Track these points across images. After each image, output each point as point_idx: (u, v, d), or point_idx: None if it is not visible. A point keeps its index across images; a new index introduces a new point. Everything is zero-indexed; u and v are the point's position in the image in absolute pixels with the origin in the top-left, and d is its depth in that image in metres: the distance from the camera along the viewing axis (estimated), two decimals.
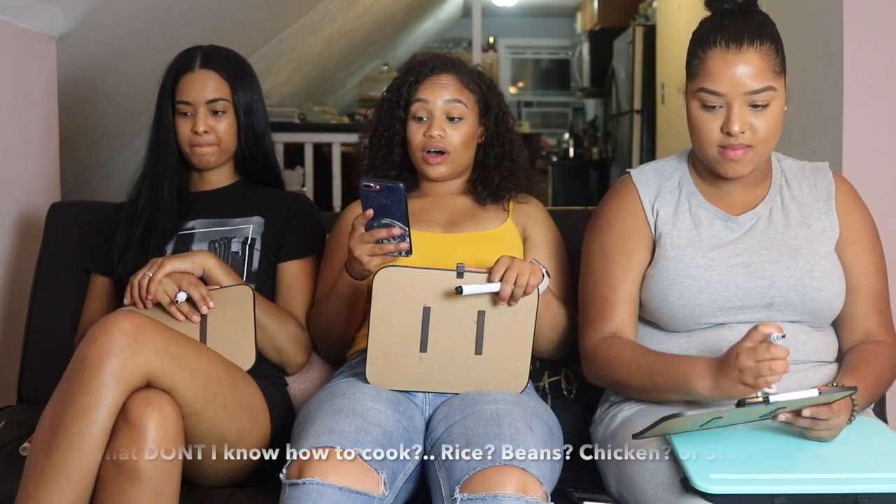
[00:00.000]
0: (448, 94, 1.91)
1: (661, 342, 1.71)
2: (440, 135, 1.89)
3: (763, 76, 1.61)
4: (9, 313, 2.44)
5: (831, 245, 1.72)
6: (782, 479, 1.41)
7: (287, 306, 1.94)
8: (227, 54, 2.02)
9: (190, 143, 1.97)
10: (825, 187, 1.76)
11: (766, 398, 1.42)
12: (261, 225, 1.98)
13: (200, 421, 1.62)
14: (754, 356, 1.46)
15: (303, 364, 1.95)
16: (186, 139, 1.96)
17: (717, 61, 1.61)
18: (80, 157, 3.32)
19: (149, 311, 1.74)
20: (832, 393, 1.45)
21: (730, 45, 1.60)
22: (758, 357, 1.45)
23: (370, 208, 1.64)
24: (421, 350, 1.65)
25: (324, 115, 5.60)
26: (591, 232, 1.79)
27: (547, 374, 1.97)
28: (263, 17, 4.35)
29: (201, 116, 1.95)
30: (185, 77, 1.96)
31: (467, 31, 7.26)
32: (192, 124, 1.95)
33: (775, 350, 1.45)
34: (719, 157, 1.65)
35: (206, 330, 1.77)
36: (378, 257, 1.66)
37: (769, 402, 1.42)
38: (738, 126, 1.61)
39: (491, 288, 1.60)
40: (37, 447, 1.54)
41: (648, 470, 1.54)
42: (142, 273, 1.76)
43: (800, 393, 1.43)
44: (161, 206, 1.97)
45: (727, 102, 1.61)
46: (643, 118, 6.28)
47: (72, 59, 2.75)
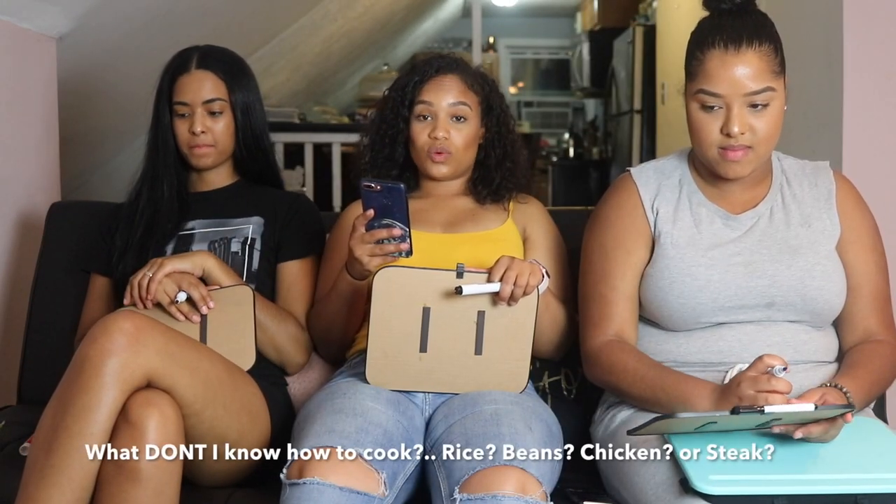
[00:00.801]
0: (452, 96, 1.91)
1: (661, 342, 1.71)
2: (445, 136, 1.90)
3: (762, 77, 1.60)
4: (9, 313, 2.44)
5: (832, 244, 1.71)
6: (782, 480, 1.41)
7: (287, 306, 1.94)
8: (224, 54, 2.02)
9: (188, 144, 1.97)
10: (826, 186, 1.75)
11: (762, 409, 1.43)
12: (260, 225, 1.98)
13: (200, 421, 1.62)
14: (755, 386, 1.48)
15: (303, 364, 1.95)
16: (185, 140, 1.97)
17: (716, 62, 1.61)
18: (80, 157, 3.32)
19: (149, 311, 1.74)
20: (828, 409, 1.45)
21: (728, 46, 1.60)
22: (758, 387, 1.47)
23: (371, 208, 1.64)
24: (421, 350, 1.65)
25: (324, 115, 5.60)
26: (591, 230, 1.80)
27: (547, 374, 1.97)
28: (263, 17, 4.35)
29: (198, 117, 1.95)
30: (181, 78, 1.96)
31: (467, 31, 7.26)
32: (190, 125, 1.95)
33: (776, 382, 1.47)
34: (719, 158, 1.65)
35: (206, 330, 1.77)
36: (378, 258, 1.66)
37: (764, 413, 1.43)
38: (738, 127, 1.60)
39: (491, 288, 1.60)
40: (37, 447, 1.54)
41: (648, 470, 1.54)
42: (141, 273, 1.77)
43: (796, 406, 1.44)
44: (161, 207, 1.98)
45: (726, 103, 1.61)
46: (643, 118, 6.28)
47: (72, 59, 2.75)
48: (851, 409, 1.47)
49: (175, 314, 1.75)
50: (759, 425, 1.48)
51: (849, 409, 1.45)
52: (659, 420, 1.46)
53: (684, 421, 1.46)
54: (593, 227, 1.79)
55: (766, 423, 1.47)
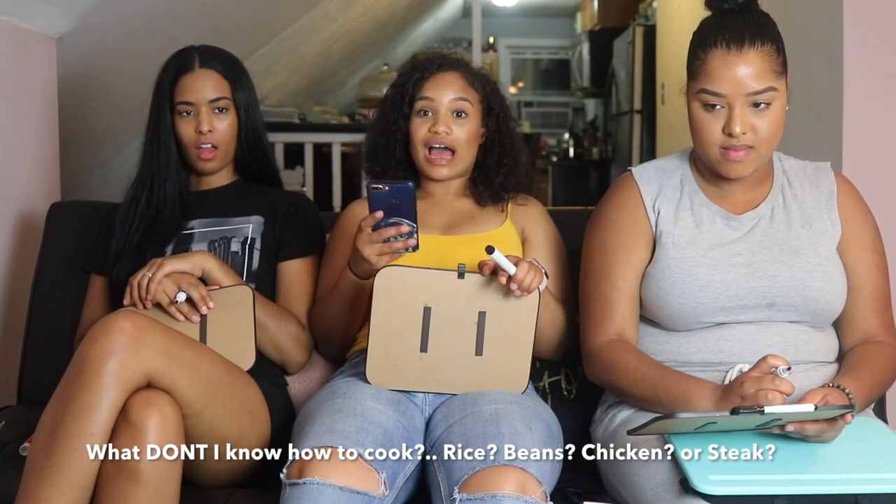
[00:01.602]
0: (453, 92, 1.91)
1: (662, 342, 1.71)
2: (446, 131, 1.89)
3: (764, 77, 1.60)
4: (9, 313, 2.44)
5: (833, 245, 1.71)
6: (782, 480, 1.41)
7: (287, 306, 1.94)
8: (223, 54, 2.02)
9: (194, 144, 1.96)
10: (827, 187, 1.75)
11: (762, 409, 1.43)
12: (261, 224, 1.98)
13: (200, 421, 1.62)
14: (757, 385, 1.48)
15: (304, 363, 1.95)
16: (191, 140, 1.96)
17: (718, 62, 1.61)
18: (80, 157, 3.32)
19: (149, 311, 1.74)
20: (828, 410, 1.45)
21: (731, 45, 1.60)
22: (760, 386, 1.48)
23: (378, 209, 1.64)
24: (421, 350, 1.65)
25: (324, 115, 5.60)
26: (592, 229, 1.79)
27: (547, 374, 1.97)
28: (263, 17, 4.35)
29: (204, 115, 1.95)
30: (184, 77, 1.96)
31: (467, 31, 7.26)
32: (196, 124, 1.95)
33: (779, 382, 1.47)
34: (721, 158, 1.65)
35: (205, 330, 1.77)
36: (387, 256, 1.66)
37: (764, 413, 1.43)
38: (740, 127, 1.60)
39: (509, 266, 1.59)
40: (37, 447, 1.54)
41: (648, 470, 1.54)
42: (141, 273, 1.76)
43: (796, 407, 1.44)
44: (163, 209, 1.97)
45: (728, 103, 1.61)
46: (643, 118, 6.28)
47: (72, 59, 2.76)
48: (851, 409, 1.47)
49: (175, 314, 1.75)
50: (759, 426, 1.48)
51: (849, 410, 1.46)
52: (659, 420, 1.46)
53: (684, 421, 1.47)
54: (594, 226, 1.79)
55: (765, 424, 1.47)
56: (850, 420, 1.46)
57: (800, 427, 1.46)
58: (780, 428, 1.47)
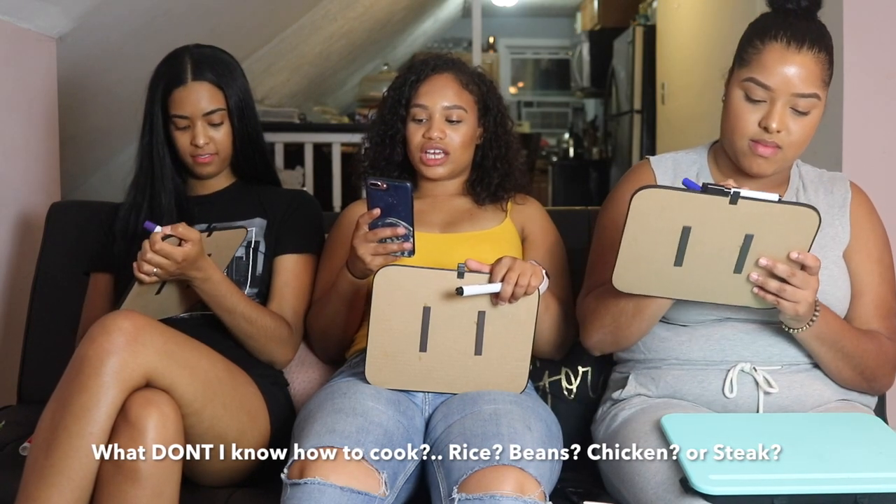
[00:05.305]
0: (447, 99, 1.91)
1: (663, 339, 1.71)
2: (440, 136, 1.89)
3: (813, 82, 1.61)
4: (9, 313, 2.45)
5: (840, 250, 1.72)
6: (782, 480, 1.41)
7: (281, 301, 1.92)
8: (213, 58, 1.97)
9: (191, 155, 1.95)
10: (841, 194, 1.76)
11: (731, 189, 1.44)
12: (262, 227, 1.97)
13: (200, 420, 1.62)
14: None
15: (285, 360, 1.92)
16: (187, 151, 1.94)
17: (775, 55, 1.61)
18: (80, 157, 3.32)
19: (151, 287, 1.73)
20: (791, 204, 1.46)
21: (791, 42, 1.60)
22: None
23: (376, 207, 1.64)
24: (421, 350, 1.65)
25: (324, 115, 5.60)
26: (605, 208, 1.80)
27: (547, 374, 1.97)
28: (263, 17, 4.35)
29: (200, 129, 1.92)
30: (177, 91, 1.92)
31: (467, 31, 7.26)
32: (192, 137, 1.93)
33: None
34: (748, 150, 1.64)
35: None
36: (381, 257, 1.66)
37: (731, 193, 1.43)
38: (777, 124, 1.60)
39: (492, 289, 1.59)
40: (37, 447, 1.54)
41: (648, 470, 1.54)
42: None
43: (762, 194, 1.45)
44: (163, 219, 1.94)
45: (772, 98, 1.61)
46: (643, 118, 6.29)
47: (72, 59, 2.76)
48: (815, 211, 1.45)
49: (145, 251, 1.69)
50: (738, 259, 1.48)
51: (812, 209, 1.45)
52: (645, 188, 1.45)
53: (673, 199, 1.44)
54: (607, 205, 1.80)
55: (733, 199, 1.44)
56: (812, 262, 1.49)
57: (770, 264, 1.48)
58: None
